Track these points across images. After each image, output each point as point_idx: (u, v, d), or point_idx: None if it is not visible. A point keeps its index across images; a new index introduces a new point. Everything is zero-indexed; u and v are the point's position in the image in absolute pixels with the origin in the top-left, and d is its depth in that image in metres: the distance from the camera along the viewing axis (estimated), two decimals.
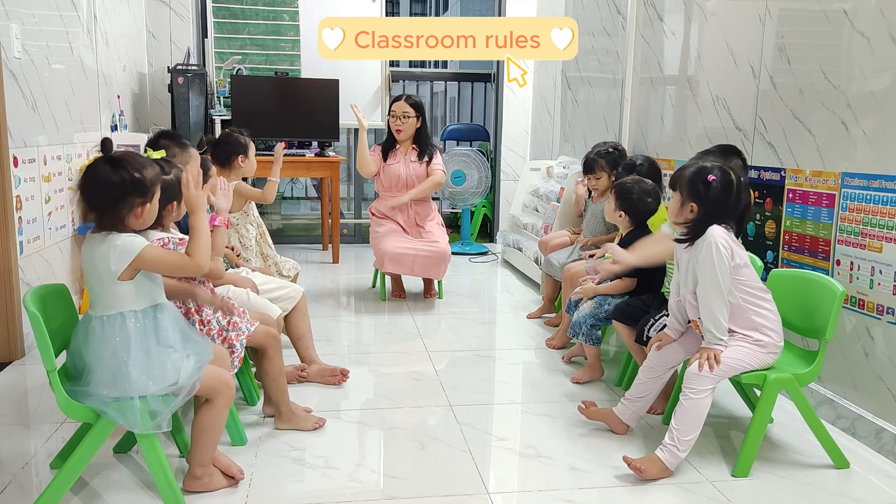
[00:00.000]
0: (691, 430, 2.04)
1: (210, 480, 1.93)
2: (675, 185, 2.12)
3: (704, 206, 2.06)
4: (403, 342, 3.37)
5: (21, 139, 2.95)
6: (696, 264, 2.08)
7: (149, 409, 1.74)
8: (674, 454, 2.04)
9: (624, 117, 4.14)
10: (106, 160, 1.77)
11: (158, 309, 1.83)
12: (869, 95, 2.33)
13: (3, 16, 2.84)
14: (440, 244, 3.88)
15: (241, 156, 3.04)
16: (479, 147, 6.19)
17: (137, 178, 1.75)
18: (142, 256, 1.73)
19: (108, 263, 1.73)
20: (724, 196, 2.05)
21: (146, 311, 1.80)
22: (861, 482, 2.10)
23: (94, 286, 1.77)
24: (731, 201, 2.06)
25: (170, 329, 1.83)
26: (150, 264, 1.77)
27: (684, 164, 2.20)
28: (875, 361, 2.32)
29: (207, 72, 5.09)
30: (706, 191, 2.05)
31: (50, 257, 3.24)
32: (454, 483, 2.04)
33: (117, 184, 1.73)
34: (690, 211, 2.08)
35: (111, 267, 1.73)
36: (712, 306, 2.04)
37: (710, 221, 2.06)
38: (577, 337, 2.84)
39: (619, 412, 2.33)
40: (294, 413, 2.36)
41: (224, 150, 3.03)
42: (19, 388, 2.69)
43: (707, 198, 2.05)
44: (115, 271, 1.73)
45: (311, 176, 5.81)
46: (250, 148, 3.10)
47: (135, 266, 1.74)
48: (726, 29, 3.14)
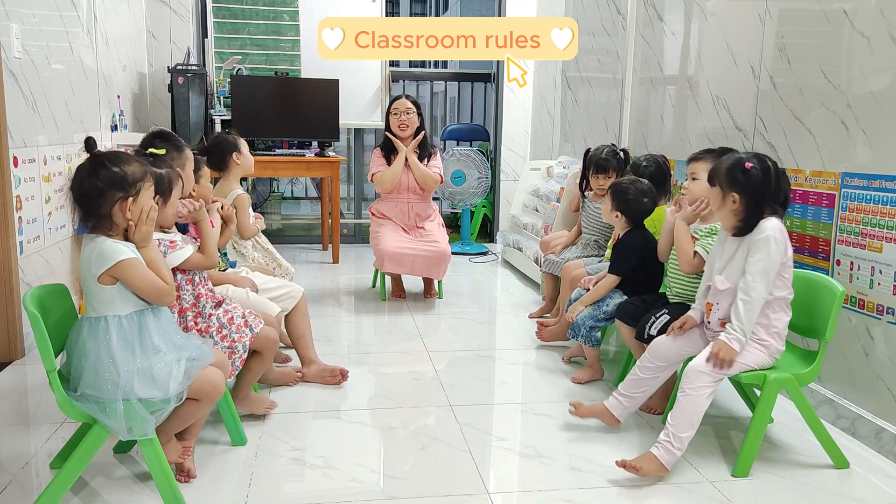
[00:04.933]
0: (687, 428, 2.04)
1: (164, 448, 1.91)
2: (713, 179, 2.11)
3: (746, 194, 2.05)
4: (403, 342, 3.37)
5: (21, 139, 2.95)
6: (752, 254, 2.04)
7: (134, 415, 1.74)
8: (670, 451, 2.04)
9: (624, 117, 4.14)
10: (88, 159, 1.78)
11: (146, 314, 1.82)
12: (869, 95, 2.33)
13: (3, 16, 2.84)
14: (440, 244, 3.88)
15: (234, 153, 3.05)
16: (479, 147, 6.19)
17: (117, 172, 1.75)
18: (119, 267, 1.74)
19: (90, 265, 1.75)
20: (764, 181, 2.05)
21: (131, 316, 1.80)
22: (861, 482, 2.10)
23: (84, 287, 1.80)
24: (772, 186, 2.06)
25: (156, 335, 1.82)
26: (125, 277, 1.76)
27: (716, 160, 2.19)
28: (875, 361, 2.32)
29: (207, 72, 5.09)
30: (746, 179, 2.05)
31: (50, 257, 3.24)
32: (454, 483, 2.04)
33: (96, 181, 1.74)
34: (733, 202, 2.07)
35: (91, 269, 1.75)
36: (753, 302, 2.03)
37: (758, 209, 2.05)
38: (577, 339, 2.84)
39: (609, 406, 2.33)
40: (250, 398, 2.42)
41: (217, 153, 3.06)
42: (19, 388, 2.69)
43: (747, 185, 2.05)
44: (94, 274, 1.74)
45: (311, 176, 5.81)
46: (242, 144, 3.10)
47: (111, 274, 1.74)
48: (726, 29, 3.14)
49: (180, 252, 2.04)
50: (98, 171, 1.75)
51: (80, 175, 1.76)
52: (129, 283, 1.77)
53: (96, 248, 1.75)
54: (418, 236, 3.95)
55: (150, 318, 1.83)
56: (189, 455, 2.01)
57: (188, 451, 2.02)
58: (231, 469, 2.08)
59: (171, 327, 1.91)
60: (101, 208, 1.75)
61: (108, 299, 1.77)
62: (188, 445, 2.03)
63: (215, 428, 2.28)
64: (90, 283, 1.76)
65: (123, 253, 1.75)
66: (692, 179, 2.43)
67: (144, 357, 1.78)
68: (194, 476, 1.99)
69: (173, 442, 1.98)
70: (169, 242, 2.02)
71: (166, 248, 2.01)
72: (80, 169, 1.78)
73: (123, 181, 1.76)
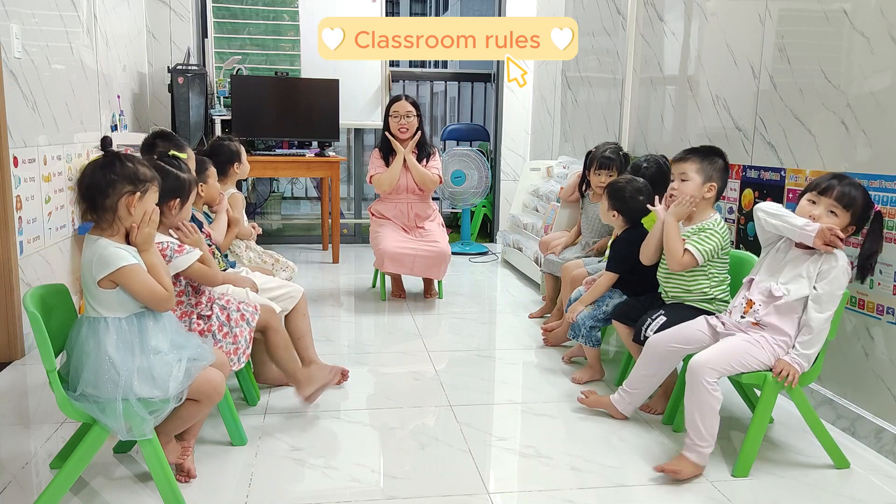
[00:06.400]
0: (707, 422, 2.04)
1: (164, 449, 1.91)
2: (851, 206, 2.07)
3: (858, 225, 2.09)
4: (403, 342, 3.37)
5: (21, 139, 2.95)
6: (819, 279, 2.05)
7: (133, 415, 1.74)
8: (697, 452, 2.05)
9: (624, 117, 4.14)
10: (103, 155, 1.82)
11: (145, 316, 1.82)
12: (869, 95, 2.33)
13: (3, 16, 2.84)
14: (440, 244, 3.88)
15: (235, 163, 3.11)
16: (479, 147, 6.19)
17: (130, 167, 1.78)
18: (120, 273, 1.75)
19: (90, 269, 1.76)
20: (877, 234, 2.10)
21: (130, 318, 1.80)
22: (861, 482, 2.10)
23: (84, 289, 1.80)
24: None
25: (156, 336, 1.83)
26: (124, 283, 1.76)
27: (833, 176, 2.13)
28: (875, 361, 2.32)
29: (207, 72, 5.09)
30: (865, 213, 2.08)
31: (50, 257, 3.24)
32: (454, 483, 2.04)
33: (109, 173, 1.76)
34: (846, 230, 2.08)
35: (92, 272, 1.75)
36: (824, 332, 2.06)
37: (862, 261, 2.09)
38: (577, 339, 2.84)
39: (614, 401, 2.41)
40: (311, 375, 2.46)
41: (217, 160, 3.07)
42: (19, 388, 2.69)
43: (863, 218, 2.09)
44: (95, 277, 1.75)
45: (311, 176, 5.81)
46: (242, 153, 3.15)
47: (112, 279, 1.75)
48: (726, 29, 3.14)
49: (187, 256, 2.05)
50: (113, 163, 1.78)
51: (92, 168, 1.78)
52: (128, 289, 1.77)
53: (97, 251, 1.75)
54: (418, 236, 3.95)
55: (150, 320, 1.83)
56: (189, 455, 2.01)
57: (188, 452, 2.02)
58: (231, 469, 2.08)
59: (172, 327, 1.91)
60: (108, 199, 1.76)
61: (107, 302, 1.77)
62: (188, 445, 2.03)
63: (215, 428, 2.28)
64: (90, 285, 1.77)
65: (125, 259, 1.75)
66: (681, 180, 2.41)
67: (144, 357, 1.78)
68: (194, 476, 1.99)
69: (173, 443, 1.97)
70: (177, 246, 2.04)
71: (174, 251, 2.03)
72: (93, 163, 1.80)
73: (135, 177, 1.78)
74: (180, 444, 2.01)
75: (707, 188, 2.37)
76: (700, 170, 2.37)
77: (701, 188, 2.37)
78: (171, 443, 1.96)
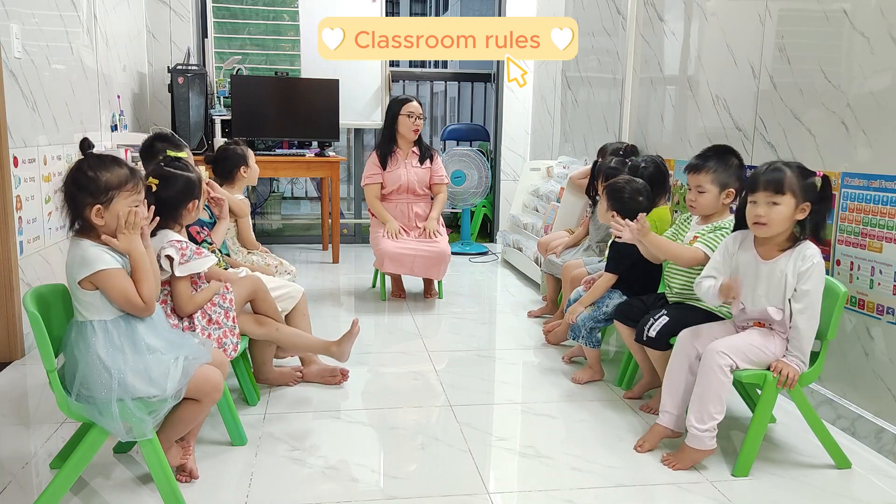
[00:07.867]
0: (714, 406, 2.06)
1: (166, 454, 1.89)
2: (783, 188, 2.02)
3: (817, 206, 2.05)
4: (403, 342, 3.37)
5: (21, 139, 2.95)
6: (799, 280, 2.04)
7: (131, 415, 1.73)
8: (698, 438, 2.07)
9: (624, 117, 4.14)
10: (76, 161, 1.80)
11: (133, 317, 1.81)
12: (869, 95, 2.33)
13: (3, 16, 2.84)
14: (440, 244, 3.88)
15: (242, 167, 3.11)
16: (479, 147, 6.19)
17: (90, 177, 1.74)
18: (97, 276, 1.74)
19: (72, 269, 1.76)
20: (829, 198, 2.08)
21: (116, 320, 1.79)
22: (861, 482, 2.10)
23: (69, 290, 1.81)
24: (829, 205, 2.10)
25: (149, 335, 1.82)
26: (102, 287, 1.75)
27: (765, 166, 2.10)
28: (875, 361, 2.32)
29: (207, 72, 5.09)
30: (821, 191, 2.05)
31: (50, 257, 3.24)
32: (454, 483, 2.04)
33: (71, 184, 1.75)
34: (802, 210, 2.04)
35: (73, 273, 1.75)
36: (812, 329, 2.06)
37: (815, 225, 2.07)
38: (577, 340, 2.84)
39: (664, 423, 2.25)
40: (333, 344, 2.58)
41: (224, 166, 3.10)
42: (19, 388, 2.69)
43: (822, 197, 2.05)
44: (75, 278, 1.75)
45: (311, 176, 5.81)
46: (250, 157, 3.16)
47: (90, 280, 1.75)
48: (726, 29, 3.14)
49: (205, 260, 2.11)
50: (76, 174, 1.75)
51: (64, 178, 1.79)
52: (105, 292, 1.76)
53: (79, 252, 1.75)
54: (418, 236, 3.95)
55: (139, 320, 1.82)
56: (189, 455, 2.01)
57: (188, 452, 2.01)
58: (231, 469, 2.08)
59: (164, 326, 1.91)
60: (75, 210, 1.77)
61: (91, 304, 1.76)
62: (188, 446, 2.02)
63: (215, 428, 2.28)
64: (73, 287, 1.77)
65: (104, 262, 1.74)
66: (699, 192, 2.38)
67: (139, 357, 1.77)
68: (196, 476, 1.99)
69: (175, 447, 1.97)
70: (195, 249, 2.05)
71: (192, 254, 2.07)
72: (67, 171, 1.80)
73: (94, 187, 1.73)
74: (180, 445, 2.01)
75: (725, 195, 2.38)
76: (715, 180, 2.35)
77: (718, 198, 2.37)
78: (172, 448, 1.96)
